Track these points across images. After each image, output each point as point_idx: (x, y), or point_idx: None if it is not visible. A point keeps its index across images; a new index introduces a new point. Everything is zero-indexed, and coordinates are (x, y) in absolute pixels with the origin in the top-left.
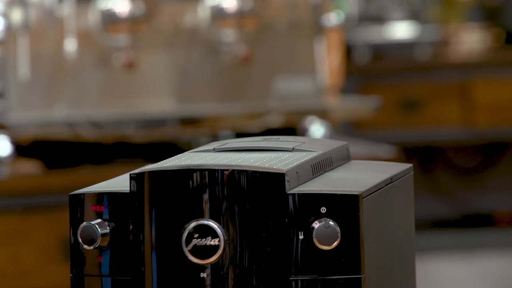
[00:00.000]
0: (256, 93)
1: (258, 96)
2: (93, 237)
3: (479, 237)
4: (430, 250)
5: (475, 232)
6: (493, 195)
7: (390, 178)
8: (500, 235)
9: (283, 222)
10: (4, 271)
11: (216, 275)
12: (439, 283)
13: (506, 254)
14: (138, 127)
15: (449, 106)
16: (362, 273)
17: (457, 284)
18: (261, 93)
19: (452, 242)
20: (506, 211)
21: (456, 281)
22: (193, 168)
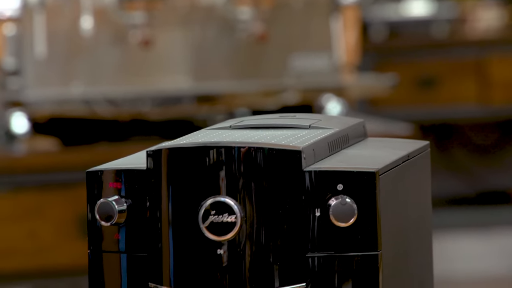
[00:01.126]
0: (272, 70)
1: (274, 74)
2: (110, 214)
3: (496, 214)
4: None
5: (492, 209)
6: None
7: (406, 155)
8: None
9: (300, 199)
10: (21, 248)
11: (232, 252)
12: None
13: None
14: (154, 105)
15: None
16: (379, 250)
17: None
18: (277, 71)
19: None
20: None
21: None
22: (209, 145)
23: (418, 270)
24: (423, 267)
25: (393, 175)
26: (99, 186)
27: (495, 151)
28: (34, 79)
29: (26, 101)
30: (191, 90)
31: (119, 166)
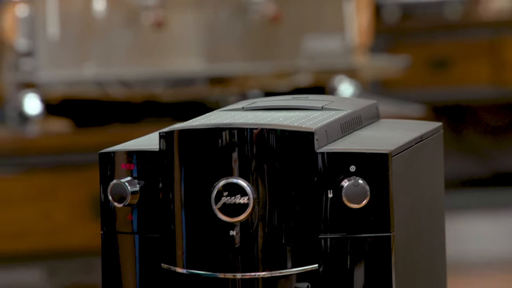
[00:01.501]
0: (285, 52)
1: (287, 55)
2: (123, 195)
3: (509, 196)
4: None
5: (505, 191)
6: None
7: (419, 136)
8: None
9: (312, 180)
10: (35, 228)
11: (245, 233)
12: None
13: None
14: (167, 86)
15: (479, 64)
16: (392, 231)
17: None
18: (290, 52)
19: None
20: None
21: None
22: (222, 127)
23: (431, 251)
24: (436, 248)
25: (406, 156)
26: (112, 167)
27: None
28: (47, 61)
29: (39, 82)
30: (203, 71)
31: (132, 148)
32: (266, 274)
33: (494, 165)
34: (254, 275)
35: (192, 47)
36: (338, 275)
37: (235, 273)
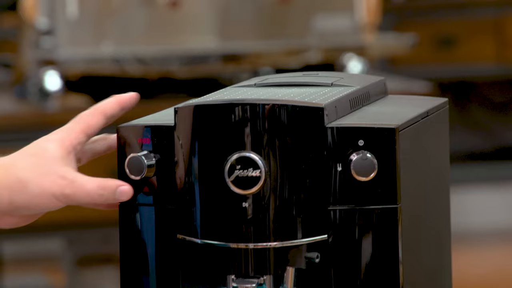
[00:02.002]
0: (296, 30)
1: (297, 34)
2: (140, 168)
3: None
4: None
5: (508, 164)
6: None
7: (426, 112)
8: None
9: (322, 154)
10: None
11: (257, 205)
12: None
13: None
14: (181, 64)
15: (484, 42)
16: (398, 203)
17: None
18: (300, 31)
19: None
20: None
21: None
22: (235, 103)
23: (436, 222)
24: (441, 220)
25: (413, 131)
26: (129, 141)
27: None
28: (67, 39)
29: (58, 60)
30: (217, 49)
31: (148, 123)
32: (277, 244)
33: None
34: (265, 245)
35: (206, 25)
36: (347, 246)
37: (247, 243)
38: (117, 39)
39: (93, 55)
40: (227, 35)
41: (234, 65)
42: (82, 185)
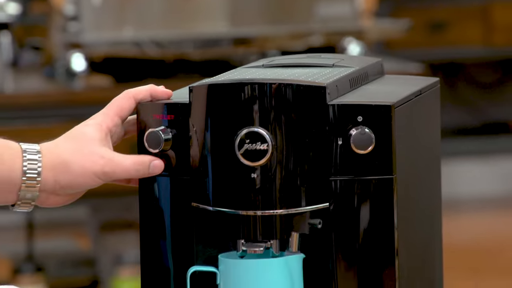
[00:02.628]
0: (300, 16)
1: (301, 19)
2: (158, 142)
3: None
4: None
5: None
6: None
7: (419, 90)
8: None
9: (324, 129)
10: None
11: (264, 176)
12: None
13: None
14: (195, 47)
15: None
16: (394, 174)
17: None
18: (304, 16)
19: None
20: None
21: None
22: (245, 82)
23: (428, 191)
24: (432, 189)
25: (407, 108)
26: (148, 117)
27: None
28: (91, 24)
29: (83, 43)
30: (228, 33)
31: (165, 100)
32: (283, 211)
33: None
34: (272, 213)
35: (218, 12)
36: (346, 213)
37: (255, 211)
38: (137, 24)
39: (115, 39)
40: (237, 21)
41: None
42: (120, 163)
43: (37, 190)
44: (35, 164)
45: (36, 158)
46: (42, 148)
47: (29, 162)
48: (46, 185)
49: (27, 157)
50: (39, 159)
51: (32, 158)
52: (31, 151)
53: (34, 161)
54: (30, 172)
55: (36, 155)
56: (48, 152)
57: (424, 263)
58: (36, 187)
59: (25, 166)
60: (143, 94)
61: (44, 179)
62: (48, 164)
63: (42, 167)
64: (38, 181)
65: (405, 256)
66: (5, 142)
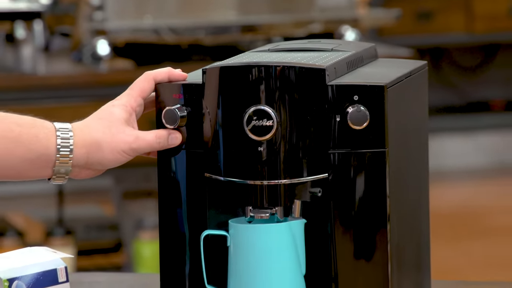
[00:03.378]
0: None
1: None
2: (174, 119)
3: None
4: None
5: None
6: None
7: (409, 72)
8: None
9: (323, 107)
10: None
11: (270, 149)
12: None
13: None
14: (207, 33)
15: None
16: (386, 147)
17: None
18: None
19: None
20: (499, 99)
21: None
22: (252, 65)
23: (417, 163)
24: (421, 161)
25: (398, 88)
26: (165, 96)
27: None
28: (114, 13)
29: (108, 30)
30: (237, 21)
31: (181, 81)
32: (286, 181)
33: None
34: (277, 182)
35: (228, 1)
36: (344, 183)
37: (262, 181)
38: (155, 13)
39: (136, 26)
40: (245, 10)
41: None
42: (144, 139)
43: (70, 165)
44: (68, 142)
45: (68, 136)
46: (74, 128)
47: (62, 141)
48: (79, 161)
49: (61, 136)
50: (71, 137)
51: (65, 136)
52: (64, 130)
53: (67, 139)
54: (63, 150)
55: (68, 134)
56: (80, 131)
57: (413, 227)
58: (68, 163)
59: (59, 144)
60: (162, 76)
61: (76, 156)
62: (80, 143)
63: (73, 145)
64: (70, 157)
65: (396, 221)
66: (41, 122)
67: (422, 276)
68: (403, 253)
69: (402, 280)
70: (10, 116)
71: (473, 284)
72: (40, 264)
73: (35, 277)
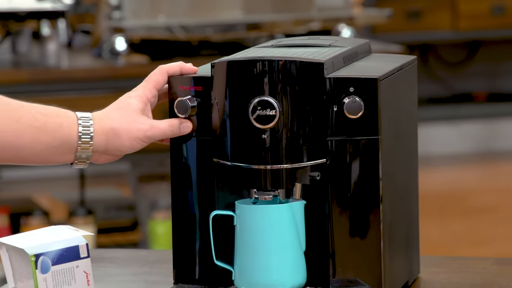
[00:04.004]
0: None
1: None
2: (185, 109)
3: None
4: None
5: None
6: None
7: (400, 66)
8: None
9: (322, 98)
10: None
11: (273, 136)
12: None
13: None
14: (216, 31)
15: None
16: (379, 135)
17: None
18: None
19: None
20: (482, 91)
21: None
22: (257, 59)
23: (407, 149)
24: (410, 147)
25: (390, 80)
26: (178, 88)
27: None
28: (131, 12)
29: (125, 27)
30: (242, 20)
31: (192, 74)
32: (288, 166)
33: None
34: (279, 167)
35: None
36: (340, 167)
37: (265, 165)
38: (168, 12)
39: (150, 24)
40: (250, 9)
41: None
42: (158, 127)
43: (91, 151)
44: (88, 130)
45: (89, 125)
46: (94, 117)
47: (83, 129)
48: (98, 148)
49: (82, 124)
50: (91, 126)
51: (86, 124)
52: (85, 119)
53: (88, 127)
54: (85, 137)
55: (89, 122)
56: (100, 120)
57: (403, 207)
58: (89, 149)
59: (80, 132)
60: (174, 70)
61: (96, 143)
62: (99, 130)
63: (94, 133)
64: (91, 144)
65: (388, 202)
66: (64, 112)
67: (411, 251)
68: (395, 230)
69: (393, 255)
70: (36, 106)
71: (457, 259)
72: (63, 241)
73: (59, 253)
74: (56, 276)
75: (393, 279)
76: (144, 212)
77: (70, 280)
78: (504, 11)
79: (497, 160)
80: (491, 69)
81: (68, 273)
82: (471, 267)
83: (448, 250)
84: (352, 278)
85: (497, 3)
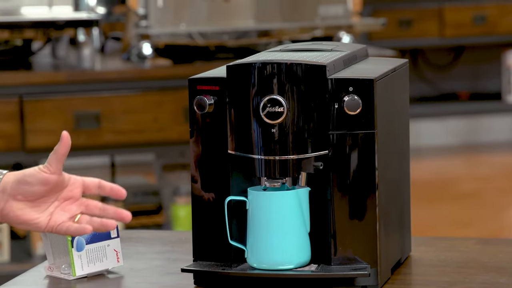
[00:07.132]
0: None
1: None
2: (204, 106)
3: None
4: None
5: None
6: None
7: (393, 68)
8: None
9: (325, 97)
10: (148, 127)
11: (281, 131)
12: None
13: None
14: (231, 37)
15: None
16: (375, 129)
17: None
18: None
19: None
20: (465, 91)
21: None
22: (267, 62)
23: (400, 142)
24: (403, 141)
25: (385, 81)
26: (196, 88)
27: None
28: (156, 21)
29: (151, 34)
30: (254, 27)
31: (209, 75)
32: (294, 156)
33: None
34: (286, 157)
35: (247, 12)
36: (341, 158)
37: (274, 156)
38: (189, 21)
39: (173, 32)
40: (261, 18)
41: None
42: None
43: None
44: None
45: None
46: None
47: None
48: None
49: None
50: None
51: None
52: None
53: None
54: None
55: None
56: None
57: (396, 193)
58: None
59: None
60: None
61: None
62: None
63: None
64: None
65: (383, 189)
66: None
67: (404, 232)
68: (389, 214)
69: (388, 236)
70: None
71: (444, 239)
72: None
73: (92, 234)
74: (90, 254)
75: (387, 256)
76: (167, 198)
77: (102, 257)
78: (485, 20)
79: (478, 151)
80: (473, 71)
81: (100, 251)
82: (456, 246)
83: (436, 231)
84: (351, 256)
85: (479, 13)
